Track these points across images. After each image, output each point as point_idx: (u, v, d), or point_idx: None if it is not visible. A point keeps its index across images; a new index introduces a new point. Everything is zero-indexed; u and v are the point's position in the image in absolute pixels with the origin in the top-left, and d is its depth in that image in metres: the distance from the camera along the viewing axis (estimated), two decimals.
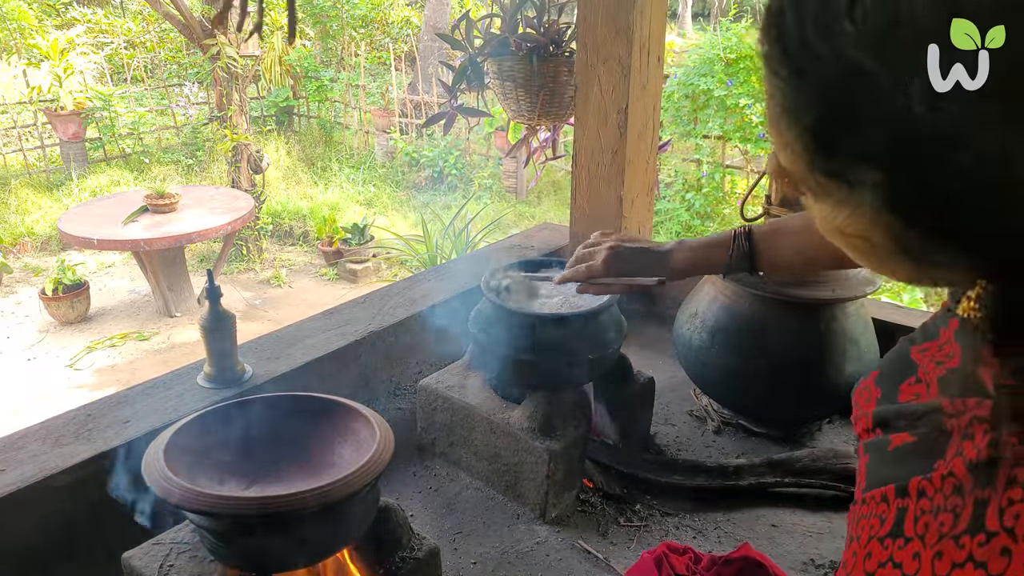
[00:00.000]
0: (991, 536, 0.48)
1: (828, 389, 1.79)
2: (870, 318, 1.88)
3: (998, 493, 0.49)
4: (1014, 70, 0.41)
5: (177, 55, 9.55)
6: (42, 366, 4.68)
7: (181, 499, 1.00)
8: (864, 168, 0.47)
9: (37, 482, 1.32)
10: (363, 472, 1.06)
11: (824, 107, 0.47)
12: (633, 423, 1.83)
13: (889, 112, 0.44)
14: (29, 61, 8.37)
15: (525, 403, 1.63)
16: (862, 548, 0.60)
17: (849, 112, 0.46)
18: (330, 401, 1.25)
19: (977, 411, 0.52)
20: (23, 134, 7.77)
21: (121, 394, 1.62)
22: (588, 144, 2.36)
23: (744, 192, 4.89)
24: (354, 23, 10.20)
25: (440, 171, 7.91)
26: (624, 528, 1.64)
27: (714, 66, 6.18)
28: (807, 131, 0.49)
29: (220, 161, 7.38)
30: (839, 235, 0.55)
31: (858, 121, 0.45)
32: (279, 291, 5.88)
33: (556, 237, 2.71)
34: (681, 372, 2.07)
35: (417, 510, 1.68)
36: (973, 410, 0.53)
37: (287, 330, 1.96)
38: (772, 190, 1.84)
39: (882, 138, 0.45)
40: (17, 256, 6.38)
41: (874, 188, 0.47)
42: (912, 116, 0.43)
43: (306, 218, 7.02)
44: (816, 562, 1.54)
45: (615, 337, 1.63)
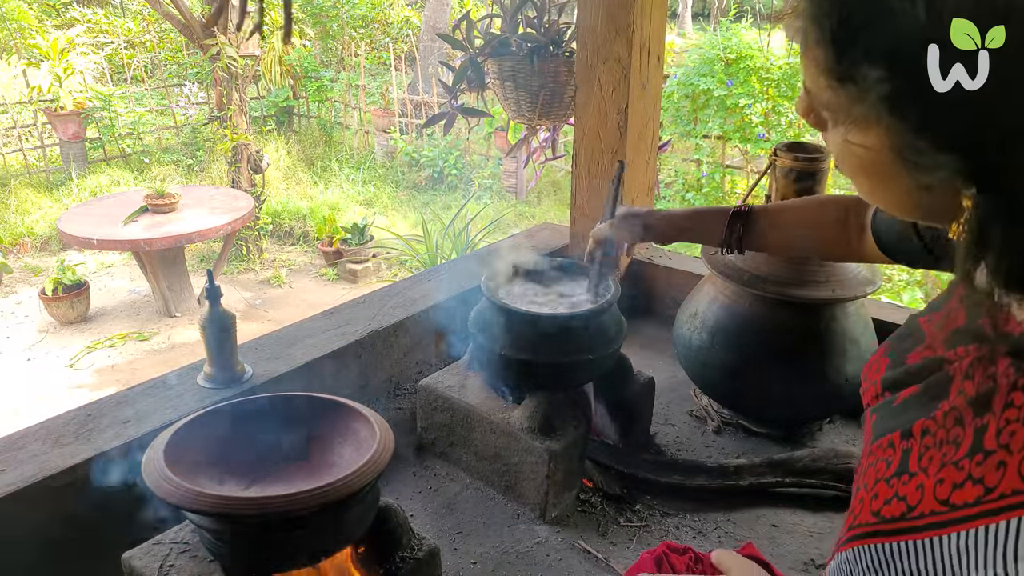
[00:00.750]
0: (988, 455, 0.53)
1: (828, 389, 1.79)
2: (870, 318, 1.88)
3: (996, 415, 0.53)
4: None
5: (177, 55, 9.54)
6: (42, 366, 4.67)
7: (181, 499, 1.00)
8: (872, 68, 0.53)
9: (37, 482, 1.32)
10: (363, 472, 1.06)
11: (842, 8, 0.54)
12: (633, 423, 1.83)
13: (896, 12, 0.50)
14: (29, 61, 8.36)
15: (525, 403, 1.63)
16: (868, 492, 0.64)
17: (862, 12, 0.53)
18: (330, 401, 1.25)
19: (978, 353, 0.57)
20: (23, 134, 7.77)
21: (121, 394, 1.62)
22: (588, 144, 2.35)
23: (744, 192, 4.89)
24: (354, 23, 10.20)
25: (440, 171, 7.91)
26: (624, 528, 1.64)
27: (714, 66, 6.18)
28: (827, 34, 0.55)
29: (220, 161, 7.37)
30: (847, 153, 0.61)
31: (869, 20, 0.52)
32: (279, 291, 5.88)
33: (556, 237, 2.71)
34: (681, 372, 2.07)
35: (417, 510, 1.68)
36: (974, 353, 0.58)
37: (287, 330, 1.96)
38: (772, 190, 1.84)
39: (889, 33, 0.51)
40: (17, 256, 6.38)
41: (879, 87, 0.53)
42: (913, 16, 0.49)
43: (306, 218, 7.02)
44: (816, 562, 1.54)
45: (615, 337, 1.62)
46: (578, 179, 2.44)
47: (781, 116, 6.06)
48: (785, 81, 6.06)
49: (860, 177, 0.63)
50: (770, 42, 6.64)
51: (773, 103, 6.06)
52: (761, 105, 6.01)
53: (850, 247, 1.20)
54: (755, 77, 6.04)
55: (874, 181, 0.62)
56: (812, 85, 0.60)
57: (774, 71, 6.06)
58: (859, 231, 1.17)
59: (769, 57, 6.19)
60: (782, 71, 6.07)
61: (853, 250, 1.20)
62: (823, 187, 1.82)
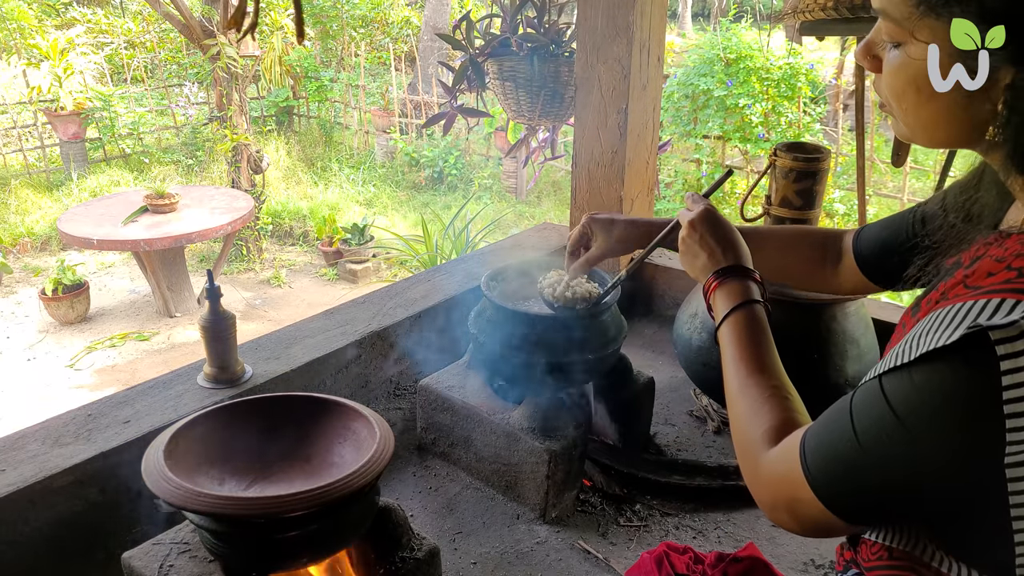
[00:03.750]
0: None
1: (828, 389, 1.79)
2: (870, 318, 1.88)
3: None
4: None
5: (177, 55, 9.54)
6: (42, 366, 4.68)
7: (181, 499, 1.00)
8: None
9: (37, 482, 1.32)
10: (363, 472, 1.06)
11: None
12: (633, 423, 1.83)
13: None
14: (29, 61, 8.35)
15: (525, 403, 1.63)
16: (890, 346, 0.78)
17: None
18: (330, 401, 1.25)
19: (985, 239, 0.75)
20: (23, 134, 7.77)
21: (121, 394, 1.62)
22: (588, 144, 2.35)
23: (744, 192, 4.89)
24: (354, 23, 10.19)
25: (440, 171, 7.91)
26: (624, 528, 1.64)
27: (714, 66, 6.18)
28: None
29: (220, 161, 7.37)
30: (906, 69, 0.72)
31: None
32: (279, 291, 5.88)
33: (556, 237, 2.71)
34: (681, 372, 2.07)
35: (417, 510, 1.68)
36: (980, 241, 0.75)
37: (287, 330, 1.96)
38: (772, 190, 1.84)
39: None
40: (17, 256, 6.38)
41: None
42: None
43: (306, 218, 7.02)
44: (816, 562, 1.54)
45: (615, 337, 1.62)
46: (578, 179, 2.44)
47: (781, 116, 6.06)
48: (785, 81, 6.06)
49: (910, 91, 0.73)
50: (770, 42, 6.64)
51: (773, 103, 6.06)
52: (761, 105, 6.01)
53: (824, 274, 1.21)
54: (755, 77, 6.04)
55: (922, 95, 0.71)
56: (892, 8, 0.71)
57: (774, 71, 6.06)
58: (836, 259, 1.19)
59: (769, 57, 6.19)
60: (782, 71, 6.07)
61: (828, 278, 1.21)
62: (823, 187, 1.82)
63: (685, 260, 1.11)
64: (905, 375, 0.65)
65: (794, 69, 6.08)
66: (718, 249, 1.05)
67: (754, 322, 0.96)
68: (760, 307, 0.98)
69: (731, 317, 0.96)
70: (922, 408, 0.63)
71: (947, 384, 0.62)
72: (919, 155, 6.73)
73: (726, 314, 0.97)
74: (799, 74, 6.07)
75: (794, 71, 6.08)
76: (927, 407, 0.63)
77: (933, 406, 0.62)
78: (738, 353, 0.93)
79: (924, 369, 0.63)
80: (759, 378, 0.89)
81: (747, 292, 0.99)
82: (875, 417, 0.67)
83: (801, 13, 1.76)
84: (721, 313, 0.98)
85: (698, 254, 1.07)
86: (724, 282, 1.01)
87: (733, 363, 0.93)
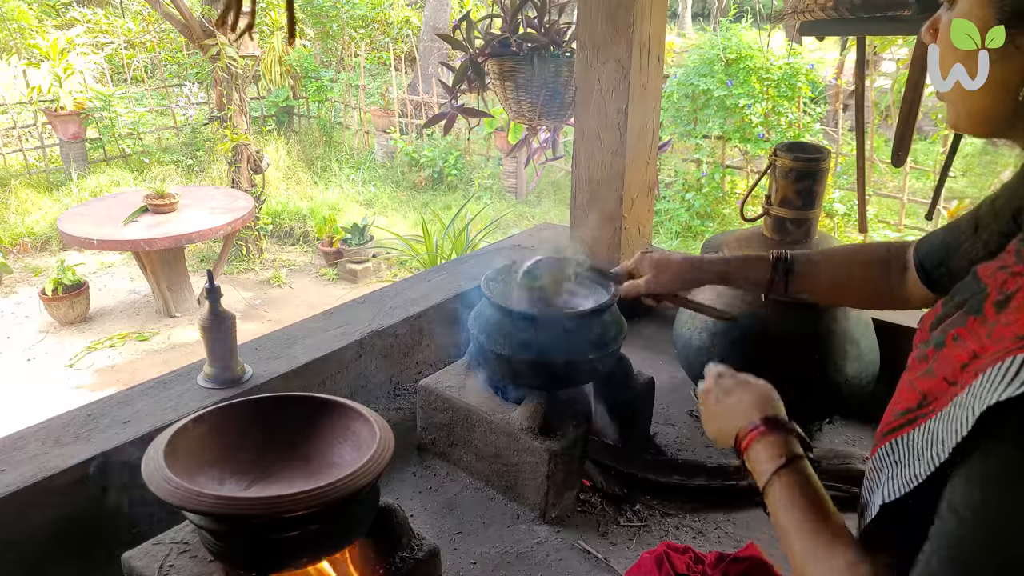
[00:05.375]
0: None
1: (828, 389, 1.79)
2: (870, 318, 1.88)
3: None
4: None
5: (177, 55, 9.53)
6: (42, 366, 4.67)
7: (181, 499, 1.00)
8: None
9: (37, 482, 1.32)
10: (363, 472, 1.06)
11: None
12: (633, 423, 1.83)
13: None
14: (29, 61, 8.35)
15: (525, 403, 1.63)
16: (895, 402, 0.75)
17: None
18: (330, 401, 1.25)
19: (1014, 268, 0.70)
20: (23, 134, 7.77)
21: (121, 394, 1.62)
22: (588, 144, 2.35)
23: (744, 192, 4.89)
24: (354, 23, 10.19)
25: (440, 171, 7.90)
26: (624, 528, 1.64)
27: (714, 66, 6.18)
28: None
29: (220, 161, 7.37)
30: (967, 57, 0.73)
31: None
32: (279, 291, 5.88)
33: (556, 237, 2.71)
34: (681, 372, 2.07)
35: (417, 510, 1.68)
36: (1011, 266, 0.70)
37: (287, 330, 1.96)
38: (772, 190, 1.84)
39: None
40: (17, 256, 6.37)
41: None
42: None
43: (306, 218, 7.02)
44: None
45: (615, 337, 1.62)
46: (578, 179, 2.44)
47: (781, 116, 6.06)
48: (785, 81, 6.05)
49: (968, 61, 0.73)
50: (770, 42, 6.64)
51: (773, 103, 6.06)
52: (761, 105, 6.01)
53: (890, 291, 1.16)
54: (755, 77, 6.04)
55: (987, 96, 0.72)
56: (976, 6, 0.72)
57: (774, 71, 6.06)
58: (900, 272, 1.14)
59: (769, 57, 6.19)
60: (782, 71, 6.06)
61: (895, 295, 1.16)
62: (823, 187, 1.82)
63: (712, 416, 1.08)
64: None
65: (794, 69, 6.08)
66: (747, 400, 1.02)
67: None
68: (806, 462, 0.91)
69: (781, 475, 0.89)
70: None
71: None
72: (919, 155, 6.73)
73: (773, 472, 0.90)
74: (799, 74, 6.07)
75: (794, 71, 6.07)
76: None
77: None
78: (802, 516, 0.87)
79: None
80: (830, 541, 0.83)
81: (789, 447, 0.91)
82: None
83: (801, 13, 1.76)
84: (767, 472, 0.90)
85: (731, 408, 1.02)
86: (763, 435, 0.94)
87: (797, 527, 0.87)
